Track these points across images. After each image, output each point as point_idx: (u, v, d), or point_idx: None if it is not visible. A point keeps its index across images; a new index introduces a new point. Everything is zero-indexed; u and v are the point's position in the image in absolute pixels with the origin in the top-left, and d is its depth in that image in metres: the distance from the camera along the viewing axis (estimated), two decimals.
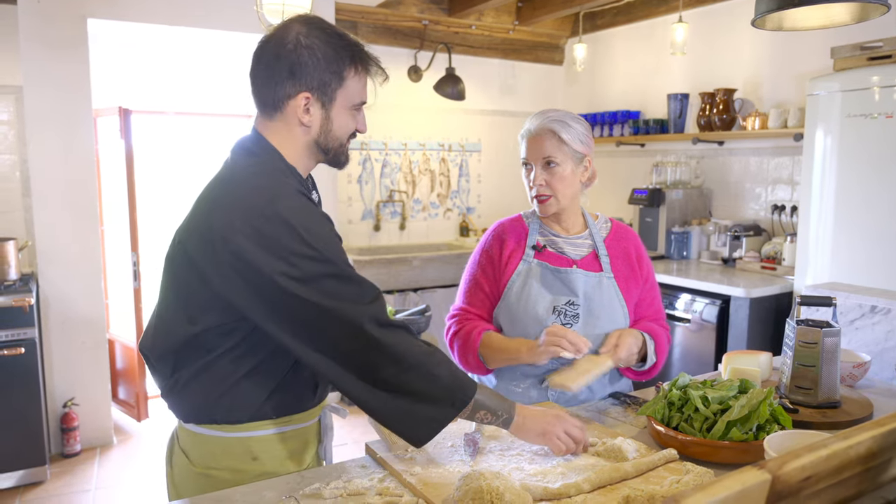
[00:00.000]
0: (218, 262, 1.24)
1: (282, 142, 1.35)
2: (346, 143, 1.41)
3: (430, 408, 1.28)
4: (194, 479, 1.38)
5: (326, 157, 1.40)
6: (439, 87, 4.81)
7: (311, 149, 1.37)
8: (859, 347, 2.21)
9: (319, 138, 1.36)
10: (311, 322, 1.24)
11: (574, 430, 1.37)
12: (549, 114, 1.74)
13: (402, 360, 1.25)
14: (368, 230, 4.99)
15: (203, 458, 1.37)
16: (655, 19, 4.72)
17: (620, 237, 1.86)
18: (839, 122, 3.09)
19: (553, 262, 1.78)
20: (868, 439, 0.85)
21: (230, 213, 1.24)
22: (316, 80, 1.30)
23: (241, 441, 1.36)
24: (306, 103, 1.31)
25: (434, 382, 1.28)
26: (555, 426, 1.36)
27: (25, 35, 3.47)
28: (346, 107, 1.35)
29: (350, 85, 1.34)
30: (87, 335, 3.78)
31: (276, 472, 1.38)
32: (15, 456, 3.34)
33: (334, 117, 1.35)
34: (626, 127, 4.80)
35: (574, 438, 1.37)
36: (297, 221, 1.23)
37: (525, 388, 1.77)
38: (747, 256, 3.91)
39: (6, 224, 3.81)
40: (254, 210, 1.22)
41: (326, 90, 1.32)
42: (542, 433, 1.36)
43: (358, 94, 1.37)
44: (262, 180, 1.28)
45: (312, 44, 1.29)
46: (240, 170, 1.33)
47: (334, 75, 1.31)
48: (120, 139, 3.95)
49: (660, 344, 1.79)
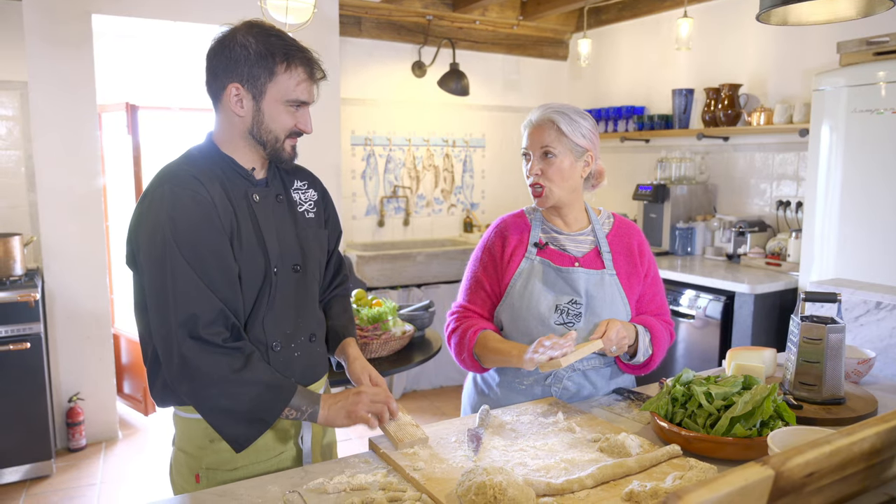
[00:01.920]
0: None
1: (220, 132, 1.48)
2: (285, 140, 1.46)
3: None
4: (175, 455, 1.52)
5: (265, 151, 1.47)
6: (443, 83, 4.80)
7: (247, 139, 1.46)
8: (864, 344, 2.21)
9: (252, 129, 1.44)
10: (143, 306, 1.40)
11: (378, 396, 1.45)
12: (552, 105, 1.74)
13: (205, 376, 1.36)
14: (372, 226, 5.00)
15: (179, 437, 1.51)
16: (660, 14, 4.70)
17: (623, 233, 1.85)
18: (845, 118, 3.08)
19: (556, 260, 1.77)
20: (872, 436, 0.85)
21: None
22: (246, 73, 1.40)
23: (199, 422, 1.44)
24: (237, 93, 1.41)
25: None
26: (357, 405, 1.43)
27: (30, 31, 3.47)
28: (278, 100, 1.42)
29: (281, 80, 1.41)
30: (93, 330, 3.80)
31: (237, 459, 1.45)
32: (21, 450, 3.35)
33: (265, 109, 1.42)
34: (631, 122, 4.79)
35: (381, 402, 1.44)
36: (167, 207, 1.35)
37: (529, 384, 1.77)
38: (752, 252, 3.90)
39: (12, 219, 3.83)
40: (143, 197, 1.41)
41: (256, 83, 1.40)
42: (347, 415, 1.43)
43: (291, 90, 1.42)
44: (170, 166, 1.44)
45: (247, 42, 1.40)
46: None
47: (264, 69, 1.40)
48: (127, 135, 3.96)
49: (657, 336, 1.78)
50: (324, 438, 1.64)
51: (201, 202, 1.37)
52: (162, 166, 1.46)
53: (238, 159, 1.47)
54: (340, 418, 1.43)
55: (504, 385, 1.80)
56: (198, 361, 1.32)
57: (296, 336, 1.52)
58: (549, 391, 1.75)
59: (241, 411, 1.35)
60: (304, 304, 1.54)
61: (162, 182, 1.39)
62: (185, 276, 1.33)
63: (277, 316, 1.47)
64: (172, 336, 1.32)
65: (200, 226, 1.36)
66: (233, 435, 1.37)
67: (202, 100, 5.09)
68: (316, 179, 1.67)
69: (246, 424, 1.36)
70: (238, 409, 1.35)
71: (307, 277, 1.55)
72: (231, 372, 1.34)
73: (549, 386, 1.75)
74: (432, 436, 1.46)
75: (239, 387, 1.34)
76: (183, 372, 1.33)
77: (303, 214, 1.58)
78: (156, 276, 1.34)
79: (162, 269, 1.33)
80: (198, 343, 1.32)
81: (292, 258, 1.51)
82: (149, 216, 1.36)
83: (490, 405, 1.71)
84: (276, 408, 1.38)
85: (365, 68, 4.79)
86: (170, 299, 1.32)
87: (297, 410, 1.40)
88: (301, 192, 1.60)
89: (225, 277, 1.38)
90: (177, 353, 1.32)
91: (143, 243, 1.36)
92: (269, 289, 1.45)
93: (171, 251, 1.33)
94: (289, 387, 1.40)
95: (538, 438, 1.45)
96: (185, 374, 1.33)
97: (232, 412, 1.35)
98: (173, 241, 1.33)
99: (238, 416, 1.35)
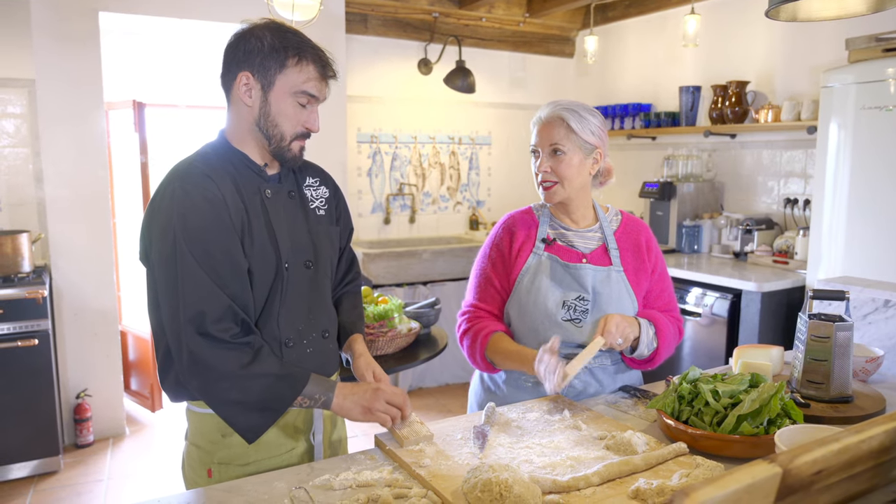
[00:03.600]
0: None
1: (231, 126, 1.49)
2: (292, 140, 1.46)
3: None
4: (188, 449, 1.52)
5: (270, 146, 1.46)
6: (449, 80, 4.79)
7: (254, 132, 1.45)
8: (872, 342, 2.19)
9: (259, 121, 1.44)
10: (156, 303, 1.40)
11: (395, 398, 1.43)
12: (562, 102, 1.74)
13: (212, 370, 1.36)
14: (378, 223, 5.00)
15: (191, 432, 1.51)
16: (667, 11, 4.68)
17: (631, 229, 1.85)
18: (853, 115, 3.06)
19: (563, 256, 1.77)
20: (881, 434, 0.84)
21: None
22: (257, 63, 1.40)
23: (212, 417, 1.44)
24: (246, 82, 1.41)
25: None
26: (375, 402, 1.42)
27: (38, 29, 3.49)
28: (286, 92, 1.42)
29: (291, 73, 1.41)
30: (100, 327, 3.82)
31: (249, 454, 1.45)
32: (29, 446, 3.37)
33: (273, 101, 1.42)
34: (638, 120, 4.77)
35: (396, 406, 1.43)
36: (177, 206, 1.35)
37: (535, 382, 1.76)
38: (759, 250, 3.88)
39: (19, 217, 3.85)
40: (156, 194, 1.41)
41: (266, 73, 1.41)
42: (364, 411, 1.42)
43: (300, 83, 1.42)
44: (183, 163, 1.43)
45: (263, 35, 1.41)
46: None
47: (275, 61, 1.40)
48: (134, 132, 3.97)
49: (661, 329, 1.76)
50: (333, 434, 1.65)
51: (212, 200, 1.37)
52: (175, 163, 1.46)
53: (249, 154, 1.47)
54: (356, 412, 1.42)
55: (510, 383, 1.80)
56: (206, 357, 1.33)
57: (308, 333, 1.52)
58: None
59: (252, 402, 1.36)
60: (316, 301, 1.55)
61: (173, 180, 1.40)
62: (193, 274, 1.34)
63: (290, 312, 1.48)
64: (182, 332, 1.33)
65: (210, 224, 1.36)
66: (244, 426, 1.37)
67: (209, 97, 5.09)
68: (328, 176, 1.67)
69: (258, 414, 1.37)
70: (249, 401, 1.35)
71: (319, 274, 1.55)
72: (240, 367, 1.34)
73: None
74: (438, 433, 1.46)
75: (249, 380, 1.35)
76: (193, 367, 1.34)
77: (314, 211, 1.58)
78: (166, 274, 1.35)
79: (172, 266, 1.34)
80: (206, 339, 1.33)
81: (304, 255, 1.51)
82: (160, 214, 1.37)
83: (497, 403, 1.71)
84: (288, 396, 1.38)
85: (371, 66, 4.79)
86: (179, 297, 1.33)
87: (310, 399, 1.40)
88: (313, 189, 1.60)
89: (234, 274, 1.38)
90: (186, 349, 1.33)
91: (155, 241, 1.37)
92: (281, 285, 1.46)
93: (181, 249, 1.34)
94: (301, 376, 1.40)
95: (544, 436, 1.45)
96: (194, 369, 1.34)
97: (243, 404, 1.36)
98: (183, 240, 1.34)
99: (249, 407, 1.36)
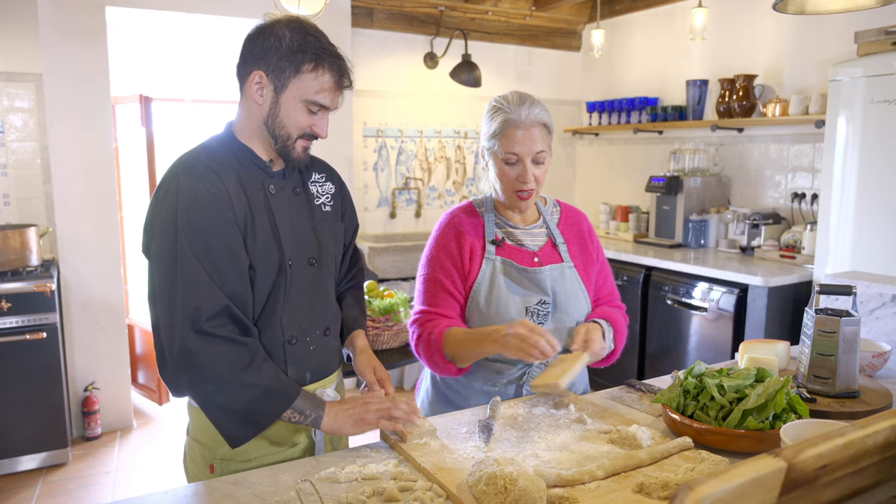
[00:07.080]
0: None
1: (239, 121, 1.48)
2: (297, 140, 1.44)
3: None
4: (189, 445, 1.52)
5: (276, 145, 1.45)
6: (455, 74, 4.78)
7: (262, 130, 1.45)
8: (879, 337, 2.18)
9: (268, 121, 1.43)
10: (154, 294, 1.38)
11: (384, 403, 1.41)
12: (532, 104, 1.64)
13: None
14: (384, 217, 5.00)
15: (193, 428, 1.50)
16: (675, 4, 4.66)
17: (572, 220, 1.81)
18: (862, 109, 3.04)
19: (516, 258, 1.71)
20: (886, 428, 0.84)
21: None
22: (273, 63, 1.39)
23: None
24: (259, 81, 1.40)
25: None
26: (366, 412, 1.40)
27: (45, 23, 3.50)
28: (297, 98, 1.40)
29: (305, 78, 1.40)
30: (108, 320, 3.84)
31: (251, 450, 1.45)
32: (38, 439, 3.40)
33: (283, 104, 1.41)
34: (644, 114, 4.75)
35: (386, 410, 1.39)
36: (181, 200, 1.34)
37: (502, 386, 1.70)
38: (766, 245, 3.87)
39: (27, 211, 3.87)
40: (160, 186, 1.39)
41: (280, 75, 1.39)
42: (357, 421, 1.40)
43: (312, 93, 1.40)
44: (187, 156, 1.42)
45: (282, 34, 1.38)
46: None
47: (290, 64, 1.38)
48: (140, 126, 3.99)
49: (618, 331, 1.75)
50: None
51: (215, 195, 1.36)
52: (180, 155, 1.45)
53: (256, 150, 1.46)
54: (349, 425, 1.40)
55: (476, 390, 1.71)
56: (200, 354, 1.31)
57: (311, 330, 1.51)
58: (521, 392, 1.69)
59: (236, 410, 1.33)
60: (320, 298, 1.54)
61: (177, 172, 1.38)
62: (192, 269, 1.32)
63: (293, 310, 1.47)
64: (177, 328, 1.31)
65: (212, 219, 1.35)
66: (227, 432, 1.35)
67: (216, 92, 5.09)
68: (334, 172, 1.66)
69: (241, 424, 1.34)
70: (233, 409, 1.33)
71: (323, 271, 1.54)
72: (231, 371, 1.32)
73: (522, 385, 1.70)
74: (442, 427, 1.46)
75: (237, 388, 1.33)
76: (183, 364, 1.32)
77: (319, 207, 1.56)
78: (165, 267, 1.34)
79: (171, 260, 1.33)
80: (201, 336, 1.31)
81: (308, 251, 1.50)
82: (163, 207, 1.36)
83: (451, 407, 1.68)
84: (274, 412, 1.36)
85: (377, 60, 4.79)
86: (177, 291, 1.32)
87: (300, 414, 1.38)
88: (318, 185, 1.59)
89: (235, 271, 1.37)
90: (179, 344, 1.31)
91: (157, 233, 1.36)
92: (285, 282, 1.44)
93: (182, 245, 1.32)
94: (291, 391, 1.37)
95: (549, 430, 1.45)
96: (185, 366, 1.32)
97: (227, 410, 1.34)
98: (184, 234, 1.33)
99: (233, 415, 1.34)
